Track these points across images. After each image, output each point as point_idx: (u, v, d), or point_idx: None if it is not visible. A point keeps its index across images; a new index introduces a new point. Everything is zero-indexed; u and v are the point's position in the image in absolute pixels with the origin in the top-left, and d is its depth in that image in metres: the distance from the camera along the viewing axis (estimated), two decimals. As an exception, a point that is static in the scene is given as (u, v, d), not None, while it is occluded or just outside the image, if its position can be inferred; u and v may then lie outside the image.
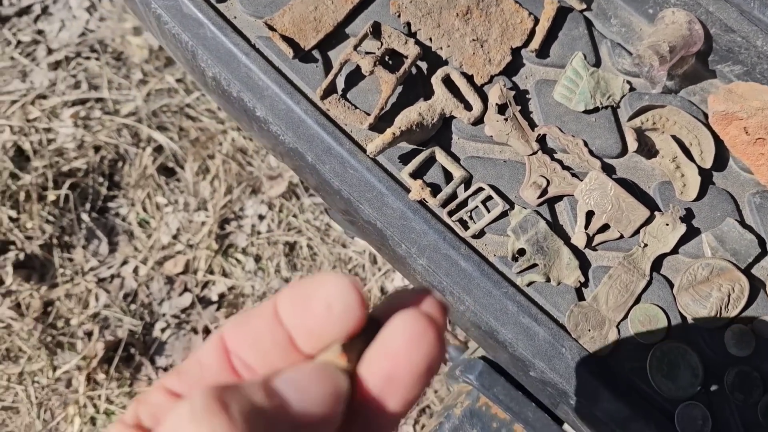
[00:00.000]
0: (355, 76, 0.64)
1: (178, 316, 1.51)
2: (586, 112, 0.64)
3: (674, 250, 0.61)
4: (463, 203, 0.62)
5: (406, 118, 0.61)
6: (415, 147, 0.63)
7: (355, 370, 0.32)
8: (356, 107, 0.63)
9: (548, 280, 0.60)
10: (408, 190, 0.61)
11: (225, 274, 1.54)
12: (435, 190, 0.62)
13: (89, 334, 1.47)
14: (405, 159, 0.62)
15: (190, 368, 0.35)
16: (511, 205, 0.62)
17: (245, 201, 1.58)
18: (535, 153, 0.62)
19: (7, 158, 1.50)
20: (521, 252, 0.61)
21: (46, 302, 1.48)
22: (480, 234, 0.61)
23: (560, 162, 0.62)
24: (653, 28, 0.65)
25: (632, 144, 0.61)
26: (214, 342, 0.35)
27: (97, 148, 1.56)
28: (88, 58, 1.63)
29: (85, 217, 1.53)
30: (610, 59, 0.65)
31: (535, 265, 0.60)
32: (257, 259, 1.55)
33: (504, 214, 0.61)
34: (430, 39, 0.65)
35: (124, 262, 1.53)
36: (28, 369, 1.44)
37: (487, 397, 0.74)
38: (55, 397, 1.44)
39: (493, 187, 0.62)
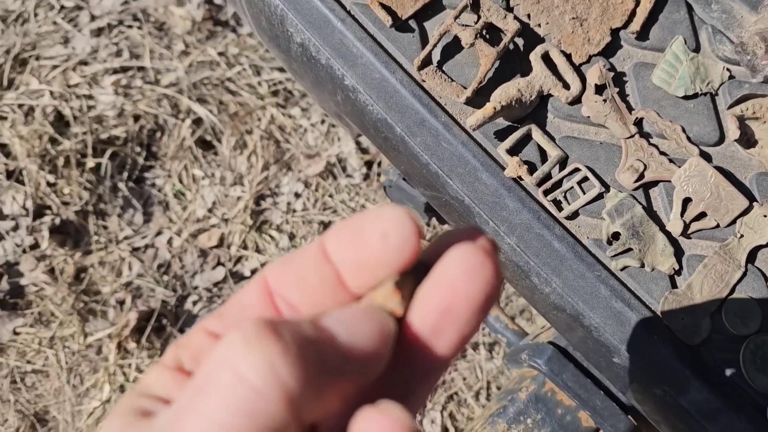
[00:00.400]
0: (451, 49, 0.63)
1: (210, 289, 1.50)
2: (685, 98, 0.62)
3: (770, 243, 0.60)
4: (558, 183, 0.61)
5: (506, 93, 0.60)
6: (510, 124, 0.62)
7: (407, 309, 0.31)
8: (452, 80, 0.62)
9: (642, 265, 0.59)
10: (502, 167, 0.60)
11: (258, 251, 1.53)
12: (529, 168, 0.61)
13: (121, 303, 1.46)
14: (500, 136, 0.61)
15: (232, 310, 0.34)
16: (607, 187, 0.61)
17: (282, 178, 1.57)
18: (632, 136, 0.61)
19: (47, 123, 1.49)
20: (615, 236, 0.60)
21: (80, 269, 1.47)
22: (573, 215, 0.60)
23: (656, 147, 0.61)
24: (756, 16, 0.64)
25: (734, 132, 0.60)
26: (257, 283, 0.34)
27: (136, 118, 1.55)
28: (130, 26, 1.62)
29: (121, 185, 1.52)
30: (709, 45, 0.64)
31: (629, 250, 0.59)
32: (291, 236, 1.55)
33: (599, 197, 0.60)
34: (529, 15, 0.63)
35: (159, 233, 1.52)
36: (59, 334, 1.44)
37: (554, 383, 0.73)
38: (85, 363, 1.44)
39: (588, 168, 0.61)
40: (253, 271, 1.51)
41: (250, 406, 0.26)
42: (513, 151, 0.61)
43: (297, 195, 1.57)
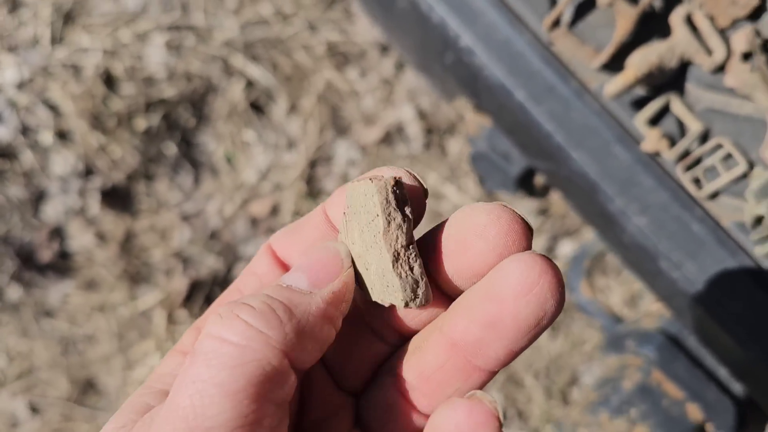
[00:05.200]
0: (583, 8, 0.57)
1: (261, 258, 1.46)
2: (840, 68, 0.56)
3: None
4: (697, 160, 0.55)
5: (645, 59, 0.54)
6: (645, 93, 0.56)
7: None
8: (583, 43, 0.56)
9: (791, 253, 0.54)
10: (636, 141, 0.55)
11: (311, 219, 1.48)
12: (668, 142, 0.55)
13: (171, 270, 1.43)
14: (635, 106, 0.56)
15: (248, 283, 0.36)
16: (751, 166, 0.55)
17: (337, 145, 1.52)
18: (781, 110, 0.55)
19: (100, 82, 1.45)
20: (760, 219, 0.54)
21: (129, 233, 1.44)
22: (714, 195, 0.55)
23: (807, 122, 0.56)
24: None
25: None
26: (266, 253, 0.36)
27: (188, 78, 1.51)
28: (181, -17, 1.56)
29: (171, 149, 1.48)
30: None
31: (776, 235, 0.54)
32: (345, 206, 1.50)
33: (743, 176, 0.55)
34: (667, -28, 0.57)
35: (209, 199, 1.49)
36: (109, 299, 1.41)
37: (664, 372, 0.69)
38: (135, 329, 1.41)
39: (732, 144, 0.55)
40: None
41: (236, 359, 0.28)
42: (651, 122, 0.55)
43: (353, 162, 1.52)
